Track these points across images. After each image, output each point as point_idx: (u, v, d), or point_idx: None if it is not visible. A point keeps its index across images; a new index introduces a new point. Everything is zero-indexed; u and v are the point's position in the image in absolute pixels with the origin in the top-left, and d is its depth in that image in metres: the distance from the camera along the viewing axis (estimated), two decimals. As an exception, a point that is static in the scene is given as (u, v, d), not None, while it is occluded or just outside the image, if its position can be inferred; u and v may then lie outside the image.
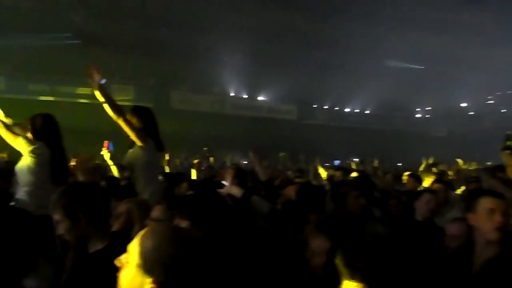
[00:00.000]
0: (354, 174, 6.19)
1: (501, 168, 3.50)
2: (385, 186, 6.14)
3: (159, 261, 1.09)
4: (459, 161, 8.25)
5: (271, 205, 2.81)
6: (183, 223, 1.71)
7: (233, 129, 19.08)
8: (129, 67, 17.94)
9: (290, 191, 2.77)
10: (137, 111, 3.76)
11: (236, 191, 2.83)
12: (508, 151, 1.49)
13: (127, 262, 1.13)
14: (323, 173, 7.50)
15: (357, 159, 9.52)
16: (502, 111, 24.26)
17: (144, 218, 2.32)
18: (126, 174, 4.15)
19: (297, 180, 5.88)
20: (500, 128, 20.38)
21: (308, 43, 18.77)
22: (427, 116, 27.67)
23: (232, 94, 21.77)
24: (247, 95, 22.22)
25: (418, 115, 28.07)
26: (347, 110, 25.58)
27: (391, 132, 23.81)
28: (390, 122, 25.47)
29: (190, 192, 3.81)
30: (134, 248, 1.14)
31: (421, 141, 22.30)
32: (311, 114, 24.16)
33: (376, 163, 9.42)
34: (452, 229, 2.56)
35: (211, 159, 9.07)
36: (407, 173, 6.10)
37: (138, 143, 3.55)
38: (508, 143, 1.47)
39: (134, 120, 3.60)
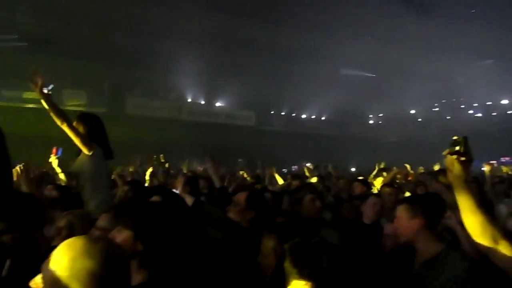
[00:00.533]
0: (314, 179, 6.33)
1: (444, 172, 3.71)
2: (338, 190, 6.32)
3: (75, 276, 1.04)
4: (407, 166, 8.64)
5: (222, 212, 2.80)
6: (124, 233, 1.64)
7: (190, 135, 18.85)
8: (82, 71, 17.27)
9: (240, 198, 2.77)
10: (83, 117, 3.63)
11: (187, 200, 2.79)
12: (454, 156, 1.57)
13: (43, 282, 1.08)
14: (279, 179, 7.57)
15: (310, 165, 9.70)
16: (447, 117, 25.78)
17: (87, 230, 2.21)
18: (74, 182, 3.99)
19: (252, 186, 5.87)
20: (445, 134, 21.66)
21: (266, 51, 19.00)
22: (379, 122, 28.81)
23: (189, 100, 21.56)
24: (204, 101, 22.08)
25: (371, 122, 29.16)
26: (304, 116, 26.10)
27: (346, 138, 24.56)
28: (345, 128, 26.29)
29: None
30: (48, 265, 1.08)
31: (375, 147, 23.17)
32: (269, 120, 24.42)
33: (330, 168, 9.66)
34: (388, 229, 2.70)
35: (166, 165, 8.90)
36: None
37: (84, 150, 3.43)
38: (456, 148, 1.55)
39: (80, 127, 3.48)
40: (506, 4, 16.12)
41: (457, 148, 1.55)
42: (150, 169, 6.22)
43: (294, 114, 25.63)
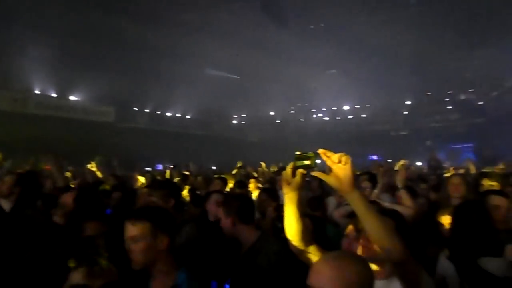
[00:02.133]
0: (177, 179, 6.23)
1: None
2: (197, 188, 6.37)
3: None
4: (262, 164, 9.18)
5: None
6: None
7: (38, 130, 16.70)
8: None
9: (67, 199, 2.51)
10: None
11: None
12: (300, 170, 1.58)
13: None
14: (141, 179, 7.23)
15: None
16: (301, 120, 28.42)
17: None
18: None
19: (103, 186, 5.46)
20: (300, 135, 24.04)
21: (131, 46, 18.04)
22: (242, 122, 30.09)
23: (37, 92, 19.07)
24: (56, 94, 19.81)
25: (235, 122, 30.28)
26: (168, 114, 25.63)
27: (210, 137, 24.94)
28: (209, 127, 26.68)
29: None
30: None
31: (237, 146, 24.06)
32: (131, 117, 23.25)
33: (191, 166, 9.66)
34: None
35: (5, 163, 7.67)
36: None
37: None
38: (306, 162, 1.55)
39: None
40: (348, 22, 18.52)
41: (307, 162, 1.55)
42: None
43: (158, 112, 24.96)
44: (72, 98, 20.38)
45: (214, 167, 16.20)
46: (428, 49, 19.49)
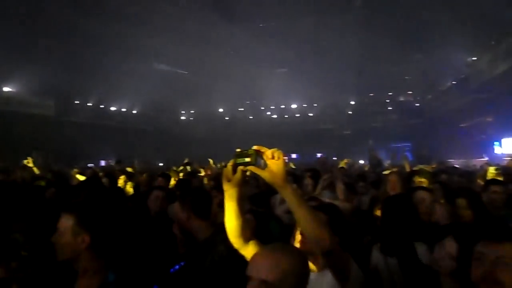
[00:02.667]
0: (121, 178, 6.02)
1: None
2: (142, 184, 6.23)
3: None
4: (210, 161, 9.15)
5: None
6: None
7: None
8: None
9: None
10: None
11: None
12: (241, 166, 1.57)
13: None
14: (79, 177, 6.89)
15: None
16: (250, 117, 28.60)
17: None
18: None
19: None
20: (249, 132, 24.16)
21: (73, 37, 17.17)
22: (191, 118, 29.71)
23: (-37, 81, 17.59)
24: (-13, 84, 18.38)
25: (183, 118, 29.83)
26: (113, 108, 24.70)
27: (157, 132, 24.36)
28: (156, 122, 26.03)
29: None
30: None
31: (186, 142, 23.73)
32: (73, 111, 22.13)
33: (136, 163, 9.41)
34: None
35: None
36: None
37: None
38: (246, 159, 1.53)
39: None
40: (297, 22, 18.90)
41: (248, 159, 1.54)
42: None
43: (102, 106, 23.97)
44: (6, 89, 18.99)
45: (161, 164, 15.90)
46: (372, 52, 20.40)
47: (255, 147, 1.52)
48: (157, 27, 18.15)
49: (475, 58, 16.32)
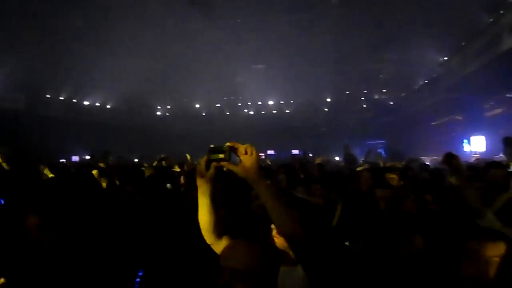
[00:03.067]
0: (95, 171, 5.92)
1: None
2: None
3: None
4: (188, 156, 9.08)
5: None
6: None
7: None
8: None
9: None
10: None
11: None
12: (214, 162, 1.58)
13: None
14: (48, 173, 6.71)
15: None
16: (227, 113, 28.51)
17: None
18: None
19: None
20: (226, 129, 24.09)
21: (45, 28, 16.60)
22: (167, 114, 29.34)
23: None
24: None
25: (159, 113, 29.43)
26: (86, 103, 24.12)
27: (132, 128, 23.89)
28: (132, 118, 25.53)
29: None
30: None
31: (162, 138, 23.45)
32: (44, 105, 21.47)
33: (110, 158, 9.23)
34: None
35: None
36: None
37: None
38: (220, 156, 1.54)
39: None
40: (275, 18, 18.92)
41: (221, 156, 1.55)
42: None
43: (75, 100, 23.36)
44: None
45: (136, 160, 15.65)
46: (348, 50, 20.67)
47: (228, 143, 1.54)
48: (133, 21, 17.80)
49: (446, 58, 16.80)
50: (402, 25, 17.31)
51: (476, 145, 14.42)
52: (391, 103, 26.37)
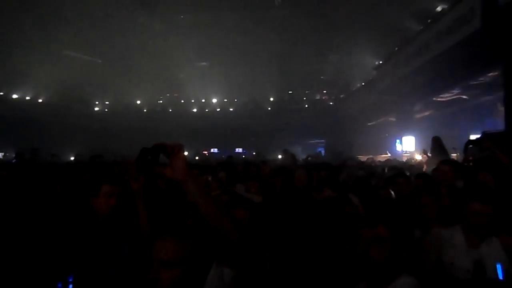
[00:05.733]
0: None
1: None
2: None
3: None
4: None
5: None
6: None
7: None
8: None
9: None
10: None
11: None
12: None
13: None
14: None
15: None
16: (170, 110, 27.91)
17: None
18: None
19: None
20: (168, 126, 23.53)
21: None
22: (105, 110, 28.04)
23: None
24: None
25: (97, 108, 28.08)
26: (15, 96, 22.41)
27: (67, 124, 22.44)
28: (66, 113, 23.94)
29: None
30: None
31: (99, 135, 22.39)
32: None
33: (40, 156, 8.69)
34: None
35: None
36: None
37: None
38: (141, 158, 1.50)
39: None
40: (219, 17, 18.86)
41: (150, 157, 1.52)
42: None
43: (2, 93, 21.63)
44: None
45: (72, 158, 14.81)
46: (291, 51, 21.18)
47: (156, 143, 1.52)
48: (68, 12, 16.85)
49: (381, 62, 17.75)
50: (342, 30, 18.07)
51: (407, 144, 15.40)
52: (331, 103, 27.39)
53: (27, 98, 22.93)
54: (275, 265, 1.87)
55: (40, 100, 23.59)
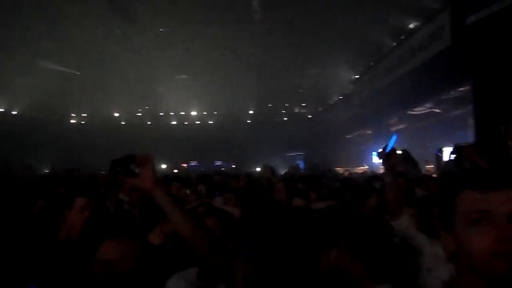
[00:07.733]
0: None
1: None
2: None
3: None
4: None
5: None
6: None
7: None
8: None
9: None
10: None
11: None
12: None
13: None
14: None
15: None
16: (148, 123, 27.63)
17: None
18: None
19: None
20: (147, 138, 23.26)
21: None
22: (82, 122, 27.49)
23: None
24: None
25: (73, 121, 27.50)
26: (-13, 108, 21.73)
27: (42, 136, 21.77)
28: (41, 126, 23.23)
29: None
30: None
31: (76, 147, 21.94)
32: None
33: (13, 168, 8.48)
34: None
35: None
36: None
37: None
38: (113, 169, 1.51)
39: None
40: (199, 30, 18.93)
41: (120, 168, 1.52)
42: None
43: (-27, 104, 20.97)
44: None
45: (47, 171, 14.48)
46: (271, 65, 21.40)
47: (125, 155, 1.54)
48: (45, 23, 16.59)
49: (357, 76, 18.17)
50: (320, 45, 18.43)
51: (383, 157, 15.65)
52: (310, 116, 27.74)
53: (1, 110, 22.25)
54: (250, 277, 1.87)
55: (14, 112, 22.91)
